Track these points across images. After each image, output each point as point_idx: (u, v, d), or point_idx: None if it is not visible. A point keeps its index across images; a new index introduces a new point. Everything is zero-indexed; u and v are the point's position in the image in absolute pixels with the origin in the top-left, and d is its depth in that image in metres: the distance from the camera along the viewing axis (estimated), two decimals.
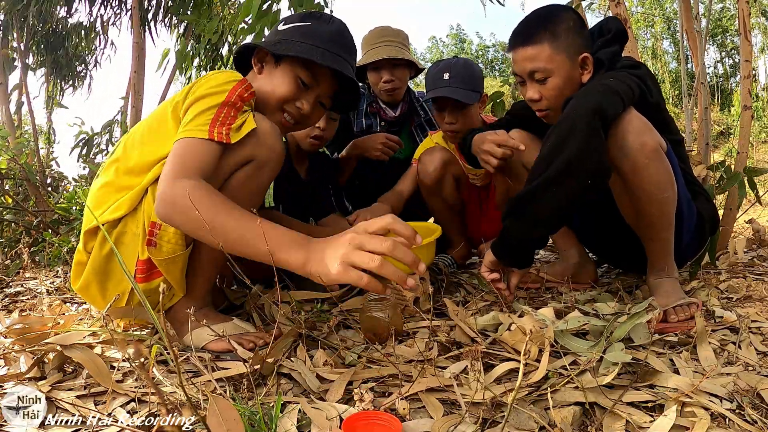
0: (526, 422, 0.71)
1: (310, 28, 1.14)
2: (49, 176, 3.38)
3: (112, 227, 1.03)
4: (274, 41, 1.15)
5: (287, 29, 1.15)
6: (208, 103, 1.00)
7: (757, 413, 0.72)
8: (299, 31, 1.14)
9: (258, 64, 1.17)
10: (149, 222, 1.01)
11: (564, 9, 1.25)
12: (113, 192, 1.05)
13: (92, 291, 1.08)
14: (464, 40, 30.69)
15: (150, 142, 1.07)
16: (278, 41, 1.14)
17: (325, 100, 1.21)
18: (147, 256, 1.02)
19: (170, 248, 1.02)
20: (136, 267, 1.03)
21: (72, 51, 4.45)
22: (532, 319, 0.98)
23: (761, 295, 1.30)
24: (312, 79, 1.15)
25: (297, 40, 1.12)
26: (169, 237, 1.01)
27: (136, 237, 1.03)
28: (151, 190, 1.02)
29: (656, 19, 17.59)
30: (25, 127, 4.38)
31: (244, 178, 1.05)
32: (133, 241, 1.03)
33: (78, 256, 1.07)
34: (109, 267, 1.05)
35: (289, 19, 1.18)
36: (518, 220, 1.09)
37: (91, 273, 1.05)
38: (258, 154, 1.05)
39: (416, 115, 2.13)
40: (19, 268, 2.27)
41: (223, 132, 0.98)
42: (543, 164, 1.05)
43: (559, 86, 1.22)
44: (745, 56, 2.00)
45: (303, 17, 1.17)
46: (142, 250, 1.02)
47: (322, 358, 0.96)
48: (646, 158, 1.07)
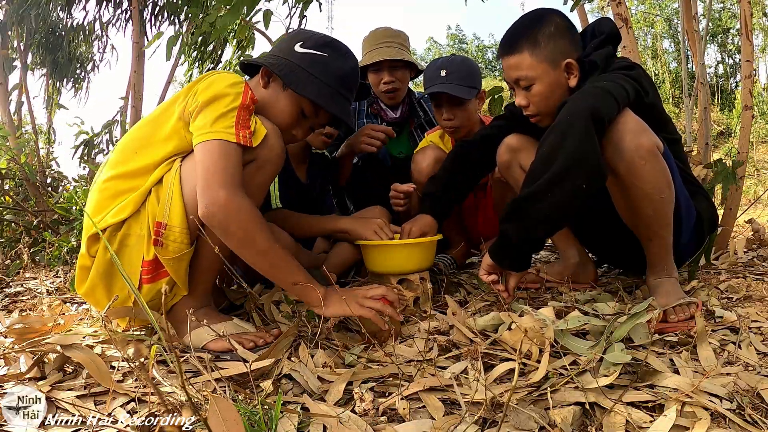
0: (526, 422, 0.71)
1: (325, 61, 1.17)
2: (49, 176, 3.38)
3: (116, 230, 1.04)
4: (287, 67, 1.16)
5: (304, 56, 1.16)
6: (226, 105, 1.02)
7: (757, 413, 0.72)
8: (315, 60, 1.17)
9: (265, 78, 1.18)
10: (154, 223, 1.02)
11: (548, 13, 1.24)
12: (114, 196, 1.06)
13: (98, 294, 1.08)
14: (463, 41, 30.71)
15: (151, 144, 1.07)
16: (292, 71, 1.15)
17: (317, 127, 1.28)
18: (152, 257, 1.02)
19: (176, 247, 1.03)
20: (142, 268, 1.03)
21: (72, 52, 4.45)
22: (532, 319, 0.98)
23: (761, 295, 1.30)
24: (313, 113, 1.20)
25: (312, 72, 1.15)
26: (175, 236, 1.02)
27: (140, 239, 1.03)
28: (154, 192, 1.04)
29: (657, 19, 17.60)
30: (25, 127, 4.38)
31: (246, 177, 1.05)
32: (138, 243, 1.03)
33: (81, 261, 1.08)
34: (114, 269, 1.05)
35: (308, 42, 1.18)
36: (515, 223, 1.09)
37: (96, 276, 1.05)
38: (259, 154, 1.07)
39: (416, 116, 2.13)
40: (19, 268, 2.27)
41: (247, 135, 1.02)
42: (539, 168, 1.05)
43: (543, 92, 1.23)
44: (746, 56, 2.00)
45: (322, 45, 1.18)
46: (147, 250, 1.02)
47: (322, 359, 0.96)
48: (643, 159, 1.07)
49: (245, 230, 0.97)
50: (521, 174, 1.41)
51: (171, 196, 1.02)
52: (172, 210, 1.02)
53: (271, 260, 1.01)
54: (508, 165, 1.46)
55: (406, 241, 1.35)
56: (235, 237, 0.97)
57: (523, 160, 1.41)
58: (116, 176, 1.07)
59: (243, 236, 0.97)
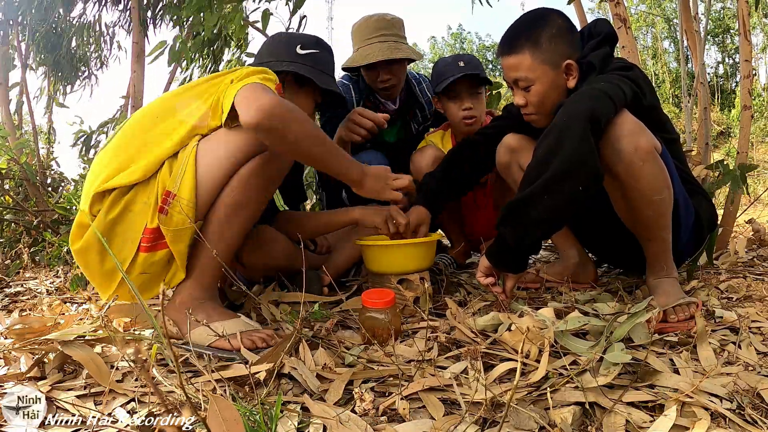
0: (526, 422, 0.71)
1: (323, 57, 1.38)
2: (49, 176, 3.38)
3: (122, 194, 1.04)
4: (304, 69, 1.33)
5: (306, 57, 1.35)
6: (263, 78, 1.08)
7: (757, 413, 0.72)
8: (315, 58, 1.36)
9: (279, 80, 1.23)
10: (163, 192, 1.03)
11: (550, 13, 1.24)
12: (125, 158, 1.06)
13: (91, 255, 1.07)
14: (465, 40, 30.70)
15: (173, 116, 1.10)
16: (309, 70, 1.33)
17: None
18: (155, 225, 1.03)
19: (180, 219, 1.03)
20: (143, 235, 1.04)
21: (73, 51, 4.44)
22: (532, 319, 0.98)
23: (761, 295, 1.30)
24: (322, 101, 1.41)
25: (320, 69, 1.35)
26: (181, 208, 1.02)
27: (146, 206, 1.04)
28: (168, 164, 1.05)
29: (657, 19, 17.60)
30: (25, 127, 4.38)
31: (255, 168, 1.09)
32: (143, 211, 1.04)
33: (80, 217, 1.07)
34: (113, 233, 1.05)
35: (305, 45, 1.37)
36: (512, 226, 1.09)
37: (92, 236, 1.05)
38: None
39: (415, 101, 2.05)
40: (19, 268, 2.27)
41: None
42: (536, 171, 1.05)
43: (542, 93, 1.23)
44: (745, 56, 2.00)
45: (314, 43, 1.38)
46: (151, 218, 1.03)
47: (322, 359, 0.96)
48: (641, 160, 1.06)
49: (298, 122, 1.02)
50: (520, 174, 1.41)
51: (184, 170, 1.04)
52: (183, 182, 1.03)
53: (325, 145, 1.10)
54: (507, 165, 1.46)
55: (406, 241, 1.35)
56: (288, 129, 1.01)
57: (523, 160, 1.41)
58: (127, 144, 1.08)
59: (299, 127, 1.02)
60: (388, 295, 1.09)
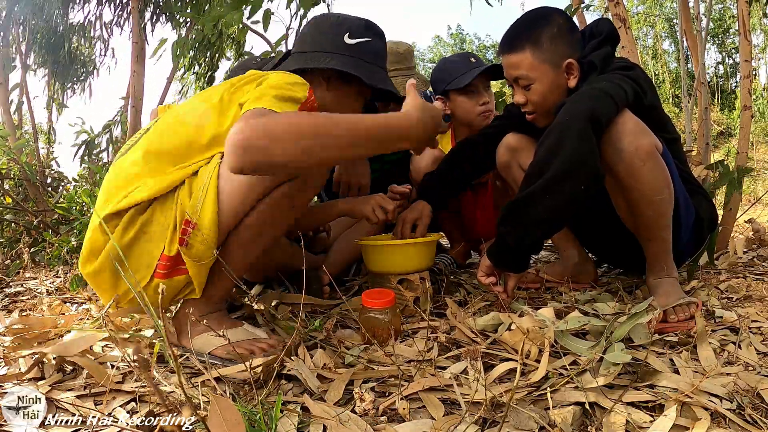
0: (526, 422, 0.71)
1: (373, 47, 1.19)
2: (49, 176, 3.38)
3: (139, 213, 0.97)
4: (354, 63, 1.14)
5: (354, 47, 1.16)
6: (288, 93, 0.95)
7: (757, 413, 0.72)
8: (365, 49, 1.17)
9: (325, 80, 1.17)
10: (182, 218, 0.96)
11: (551, 13, 1.24)
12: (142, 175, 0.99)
13: (104, 277, 1.01)
14: (464, 40, 30.72)
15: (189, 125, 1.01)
16: (358, 66, 1.14)
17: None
18: (175, 253, 0.96)
19: (201, 250, 0.97)
20: (159, 261, 0.97)
21: (73, 52, 4.45)
22: (532, 319, 0.98)
23: (761, 295, 1.30)
24: (369, 95, 1.25)
25: (368, 61, 1.16)
26: (203, 238, 0.96)
27: (163, 229, 0.96)
28: (188, 183, 0.97)
29: (657, 19, 17.61)
30: (25, 127, 4.38)
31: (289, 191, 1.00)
32: (160, 233, 0.97)
33: (94, 236, 0.99)
34: (127, 255, 0.97)
35: (354, 32, 1.17)
36: (513, 226, 1.09)
37: (106, 259, 0.98)
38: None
39: None
40: (19, 268, 2.27)
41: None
42: (536, 171, 1.05)
43: (542, 92, 1.23)
44: (744, 56, 2.00)
45: (364, 29, 1.18)
46: (169, 245, 0.96)
47: (322, 359, 0.96)
48: (641, 160, 1.06)
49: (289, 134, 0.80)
50: (520, 174, 1.41)
51: (205, 193, 0.95)
52: (204, 209, 0.95)
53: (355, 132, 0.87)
54: (507, 165, 1.46)
55: (406, 241, 1.35)
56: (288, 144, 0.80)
57: (523, 160, 1.41)
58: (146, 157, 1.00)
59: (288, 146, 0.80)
60: (388, 295, 1.09)
